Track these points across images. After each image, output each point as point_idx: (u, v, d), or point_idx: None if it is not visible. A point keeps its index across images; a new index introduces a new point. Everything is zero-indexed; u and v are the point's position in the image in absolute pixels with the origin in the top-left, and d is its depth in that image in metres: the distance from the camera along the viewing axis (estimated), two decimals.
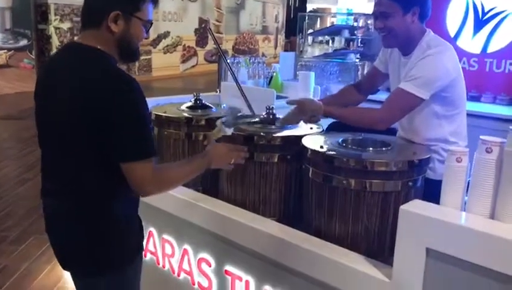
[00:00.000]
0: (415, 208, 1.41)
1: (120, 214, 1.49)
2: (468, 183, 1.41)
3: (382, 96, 2.56)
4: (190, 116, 2.32)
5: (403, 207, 1.41)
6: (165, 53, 13.19)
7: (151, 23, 1.53)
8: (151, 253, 2.31)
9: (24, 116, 7.87)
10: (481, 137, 1.34)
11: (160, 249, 2.26)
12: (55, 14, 10.19)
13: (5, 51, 9.58)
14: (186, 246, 2.12)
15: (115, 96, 1.34)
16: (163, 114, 2.33)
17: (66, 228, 1.49)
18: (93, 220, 1.46)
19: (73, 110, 1.37)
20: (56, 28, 10.26)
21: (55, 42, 10.29)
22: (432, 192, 1.57)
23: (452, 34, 4.16)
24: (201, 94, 2.55)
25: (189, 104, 2.46)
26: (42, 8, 10.08)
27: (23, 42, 9.86)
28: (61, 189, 1.48)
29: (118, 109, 1.34)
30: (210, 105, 2.50)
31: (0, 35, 9.51)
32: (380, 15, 1.99)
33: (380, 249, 1.68)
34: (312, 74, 3.66)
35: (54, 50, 10.28)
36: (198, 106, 2.45)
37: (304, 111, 2.03)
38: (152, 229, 2.28)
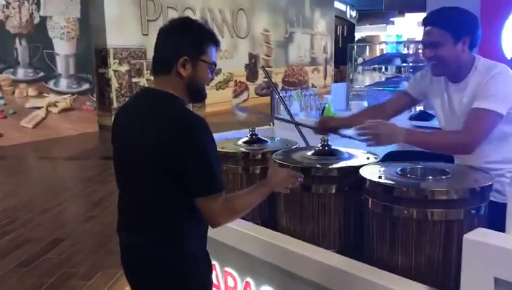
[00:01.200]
0: (479, 236, 1.38)
1: (190, 249, 1.57)
2: None
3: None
4: (247, 150, 2.39)
5: (466, 236, 1.39)
6: (217, 89, 13.56)
7: (215, 65, 1.63)
8: (214, 286, 2.35)
9: (86, 156, 8.30)
10: None
11: (222, 282, 2.31)
12: (114, 58, 10.78)
13: (69, 95, 10.20)
14: (248, 279, 2.16)
15: (186, 139, 1.44)
16: (222, 150, 2.41)
17: (138, 260, 1.59)
18: (165, 254, 1.54)
19: (149, 152, 1.48)
20: (115, 71, 10.84)
21: (115, 84, 10.85)
22: (501, 216, 1.54)
23: (509, 56, 4.06)
24: (256, 128, 2.62)
25: (245, 139, 2.54)
26: (102, 53, 10.70)
27: (86, 86, 10.46)
28: (137, 224, 1.59)
29: (190, 150, 1.45)
30: (265, 139, 2.56)
31: (65, 80, 10.15)
32: (429, 44, 2.01)
33: (445, 280, 1.65)
34: (365, 104, 3.68)
35: (114, 92, 10.84)
36: (253, 140, 2.53)
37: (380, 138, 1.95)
38: (214, 262, 2.34)
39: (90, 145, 9.49)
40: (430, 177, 1.78)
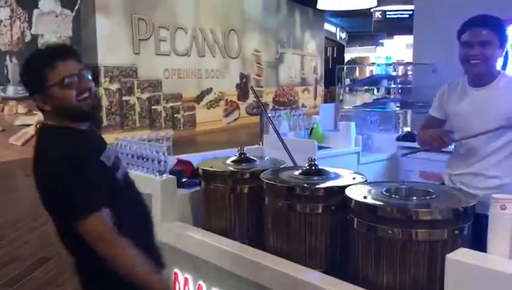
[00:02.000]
0: (461, 256, 1.41)
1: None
2: None
3: None
4: (235, 169, 2.41)
5: (449, 256, 1.42)
6: (208, 108, 13.62)
7: (69, 76, 1.54)
8: None
9: None
10: None
11: None
12: (105, 76, 10.80)
13: None
14: None
15: (50, 166, 1.50)
16: (210, 168, 2.43)
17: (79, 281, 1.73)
18: (92, 275, 1.66)
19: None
20: (106, 89, 10.85)
21: (105, 102, 10.85)
22: None
23: None
24: (245, 147, 2.65)
25: (234, 158, 2.56)
26: (93, 71, 10.72)
27: None
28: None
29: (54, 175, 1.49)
30: (254, 158, 2.58)
31: None
32: (478, 43, 2.19)
33: None
34: (353, 124, 3.72)
35: (104, 110, 10.83)
36: (242, 159, 2.54)
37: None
38: (201, 282, 2.33)
39: None
40: (415, 198, 1.81)
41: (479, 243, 1.59)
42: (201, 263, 2.29)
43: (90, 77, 1.63)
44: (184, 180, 2.71)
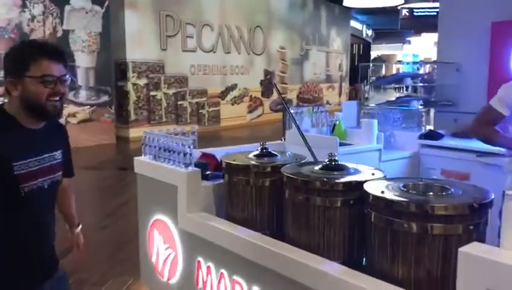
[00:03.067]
0: (474, 250, 1.46)
1: None
2: None
3: None
4: (257, 163, 2.49)
5: (461, 249, 1.47)
6: (232, 104, 13.75)
7: (50, 76, 1.61)
8: None
9: (103, 167, 8.47)
10: None
11: None
12: (133, 72, 11.03)
13: (89, 106, 10.44)
14: (256, 288, 2.23)
15: None
16: (233, 162, 2.52)
17: None
18: None
19: None
20: (133, 84, 11.08)
21: (133, 97, 11.08)
22: None
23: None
24: (267, 143, 2.72)
25: (256, 152, 2.64)
26: (121, 67, 10.96)
27: (104, 98, 10.71)
28: None
29: None
30: (275, 153, 2.65)
31: (85, 92, 10.41)
32: None
33: None
34: (375, 121, 3.75)
35: (132, 104, 11.06)
36: (264, 154, 2.62)
37: None
38: (223, 270, 2.43)
39: (107, 156, 9.68)
40: (431, 193, 1.86)
41: None
42: (223, 252, 2.38)
43: (68, 83, 1.70)
44: (208, 173, 2.80)
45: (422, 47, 23.83)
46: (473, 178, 3.37)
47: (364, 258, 2.09)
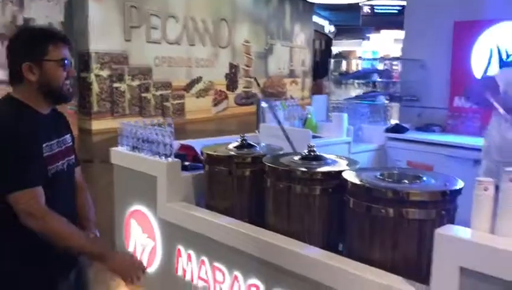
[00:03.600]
0: (448, 231, 1.59)
1: (7, 267, 1.61)
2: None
3: None
4: (238, 154, 2.57)
5: (438, 231, 1.60)
6: (197, 97, 13.69)
7: (65, 59, 1.64)
8: (204, 280, 2.51)
9: None
10: (505, 169, 1.53)
11: (211, 276, 2.46)
12: (96, 63, 10.81)
13: None
14: (237, 273, 2.32)
15: None
16: (214, 153, 2.58)
17: None
18: None
19: None
20: (96, 76, 10.87)
21: (96, 89, 10.88)
22: None
23: (477, 76, 4.35)
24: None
25: (236, 144, 2.71)
26: (84, 58, 10.73)
27: None
28: None
29: None
30: (254, 144, 2.74)
31: None
32: None
33: (418, 272, 1.84)
34: (345, 115, 3.90)
35: (95, 96, 10.86)
36: (243, 145, 2.70)
37: None
38: (204, 257, 2.49)
39: None
40: (406, 181, 1.99)
41: None
42: (204, 239, 2.45)
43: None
44: (187, 163, 2.85)
45: (381, 44, 24.40)
46: (437, 169, 3.56)
47: (341, 244, 2.21)
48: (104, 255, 1.64)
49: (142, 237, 2.94)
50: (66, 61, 1.64)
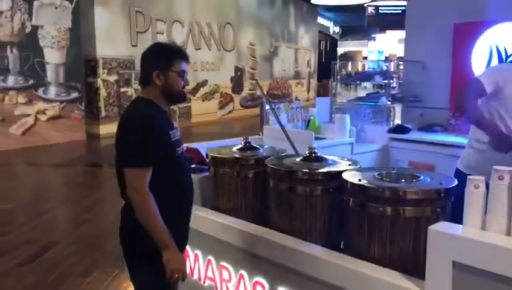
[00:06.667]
0: (441, 227, 1.67)
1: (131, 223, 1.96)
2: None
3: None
4: (241, 156, 2.66)
5: (431, 227, 1.67)
6: (203, 100, 13.81)
7: (184, 72, 2.04)
8: (210, 279, 2.60)
9: (74, 163, 8.44)
10: (493, 167, 1.61)
11: (218, 275, 2.55)
12: (103, 68, 10.96)
13: (58, 103, 10.33)
14: (242, 271, 2.40)
15: (127, 121, 1.95)
16: (219, 155, 2.67)
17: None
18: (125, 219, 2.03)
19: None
20: (104, 81, 11.02)
21: (103, 94, 11.02)
22: None
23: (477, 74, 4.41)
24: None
25: (240, 146, 2.80)
26: (91, 63, 10.88)
27: (74, 94, 10.61)
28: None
29: (121, 130, 1.94)
30: (257, 146, 2.83)
31: (54, 88, 10.28)
32: None
33: (414, 267, 1.92)
34: (347, 117, 3.98)
35: (102, 101, 11.00)
36: (247, 147, 2.79)
37: None
38: (210, 257, 2.58)
39: (77, 152, 9.63)
40: (403, 180, 2.07)
41: None
42: (210, 239, 2.54)
43: None
44: (193, 166, 2.94)
45: (387, 44, 24.43)
46: (439, 169, 3.62)
47: (342, 241, 2.29)
48: (168, 246, 1.92)
49: None
50: (184, 74, 2.04)
